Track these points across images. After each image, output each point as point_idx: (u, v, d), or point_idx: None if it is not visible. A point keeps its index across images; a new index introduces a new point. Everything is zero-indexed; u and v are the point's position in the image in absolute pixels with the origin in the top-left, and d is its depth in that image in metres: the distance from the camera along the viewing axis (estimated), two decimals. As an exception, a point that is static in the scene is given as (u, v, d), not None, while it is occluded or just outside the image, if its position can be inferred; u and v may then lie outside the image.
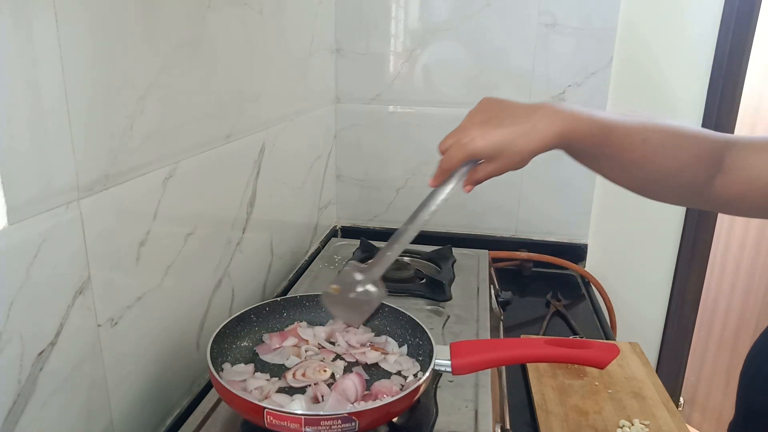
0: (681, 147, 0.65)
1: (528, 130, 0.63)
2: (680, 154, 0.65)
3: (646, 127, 0.65)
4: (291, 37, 1.14)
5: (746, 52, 1.32)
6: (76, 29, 0.55)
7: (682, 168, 0.65)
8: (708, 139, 0.66)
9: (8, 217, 0.49)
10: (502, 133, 0.63)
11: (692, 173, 0.65)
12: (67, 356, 0.58)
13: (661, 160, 0.65)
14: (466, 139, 0.65)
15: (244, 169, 0.96)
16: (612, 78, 1.36)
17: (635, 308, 1.50)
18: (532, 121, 0.63)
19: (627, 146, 0.64)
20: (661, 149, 0.65)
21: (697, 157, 0.65)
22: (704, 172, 0.65)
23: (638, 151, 0.64)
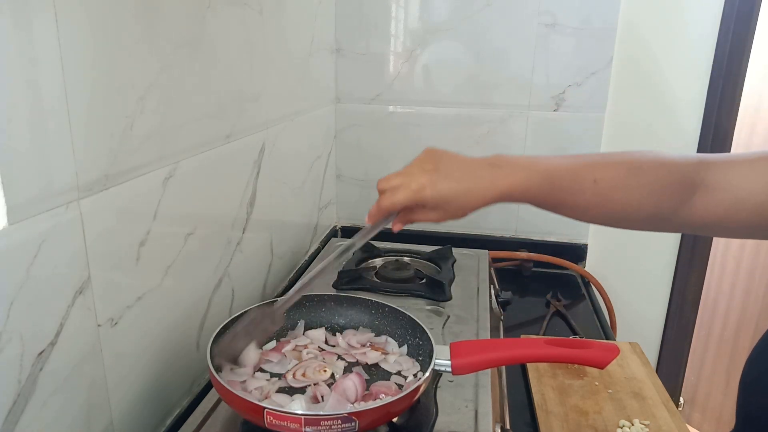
0: (638, 181, 0.63)
1: (473, 187, 0.64)
2: (638, 187, 0.63)
3: (596, 167, 0.64)
4: (291, 37, 1.14)
5: (746, 52, 1.32)
6: (76, 29, 0.55)
7: (641, 201, 0.63)
8: (675, 166, 0.63)
9: (8, 217, 0.49)
10: (450, 186, 0.65)
11: (655, 203, 0.63)
12: (67, 356, 0.58)
13: (617, 196, 0.63)
14: (415, 185, 0.66)
15: (244, 169, 0.96)
16: (612, 78, 1.37)
17: (635, 308, 1.50)
18: (478, 178, 0.65)
19: (577, 190, 0.64)
20: (615, 187, 0.63)
21: (660, 186, 0.63)
22: (672, 199, 0.62)
23: (590, 192, 0.63)
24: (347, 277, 1.10)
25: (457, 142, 1.46)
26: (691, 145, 1.39)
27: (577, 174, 0.64)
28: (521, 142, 1.42)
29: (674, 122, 1.39)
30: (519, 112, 1.41)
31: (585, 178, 0.64)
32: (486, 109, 1.42)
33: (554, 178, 0.64)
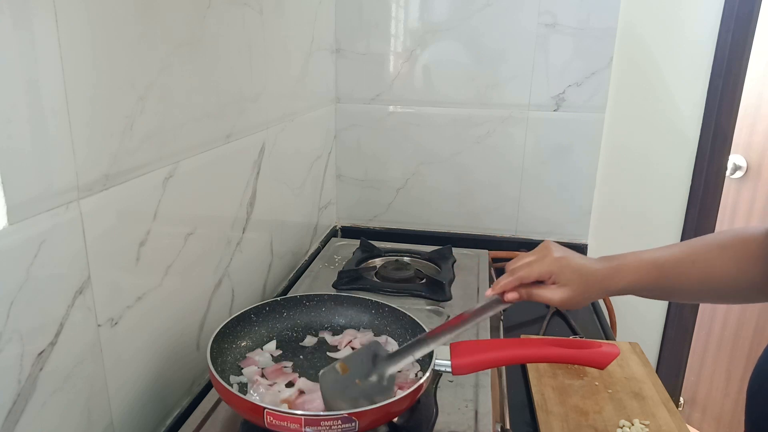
0: (727, 253, 0.68)
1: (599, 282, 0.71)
2: (729, 261, 0.68)
3: (691, 248, 0.71)
4: (291, 37, 1.14)
5: (746, 52, 1.32)
6: (76, 29, 0.55)
7: (738, 272, 0.67)
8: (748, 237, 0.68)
9: (8, 217, 0.49)
10: (580, 268, 0.71)
11: (747, 274, 0.67)
12: (67, 356, 0.58)
13: (716, 272, 0.69)
14: (550, 258, 0.72)
15: (244, 169, 0.96)
16: (612, 78, 1.37)
17: (635, 308, 1.50)
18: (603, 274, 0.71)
19: (680, 273, 0.70)
20: (712, 264, 0.69)
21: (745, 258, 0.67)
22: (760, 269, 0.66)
23: (693, 275, 0.70)
24: (347, 277, 1.10)
25: (457, 142, 1.46)
26: (691, 145, 1.39)
27: (678, 260, 0.71)
28: (521, 142, 1.42)
29: (674, 122, 1.39)
30: (519, 112, 1.41)
31: (684, 261, 0.70)
32: (486, 109, 1.42)
33: (663, 266, 0.71)
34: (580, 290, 0.71)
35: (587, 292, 0.71)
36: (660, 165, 1.42)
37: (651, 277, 0.71)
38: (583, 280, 0.71)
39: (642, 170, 1.44)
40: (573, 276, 0.71)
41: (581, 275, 0.71)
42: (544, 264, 0.71)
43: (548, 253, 0.73)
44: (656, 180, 1.44)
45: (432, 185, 1.50)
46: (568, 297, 0.70)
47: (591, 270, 0.72)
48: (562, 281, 0.71)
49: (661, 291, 0.73)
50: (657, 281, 0.71)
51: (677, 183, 1.43)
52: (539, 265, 0.72)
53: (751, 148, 1.96)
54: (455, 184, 1.49)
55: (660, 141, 1.41)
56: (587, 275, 0.71)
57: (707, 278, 0.69)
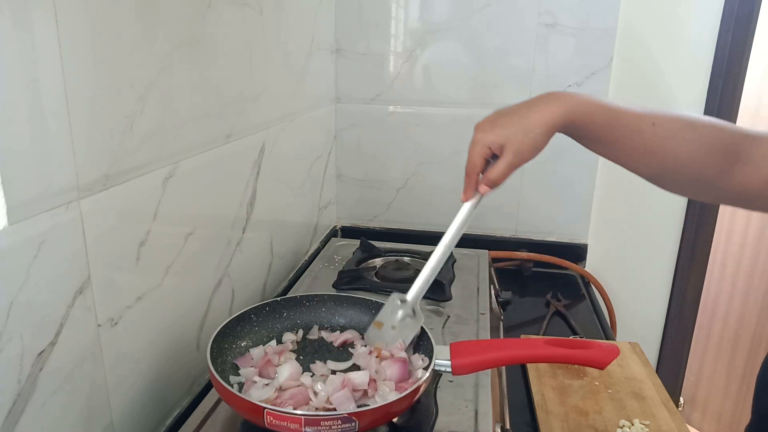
0: (692, 134, 0.65)
1: (532, 113, 0.65)
2: (691, 141, 0.65)
3: (656, 114, 0.66)
4: (291, 37, 1.14)
5: (746, 52, 1.32)
6: (76, 29, 0.55)
7: (692, 156, 0.65)
8: (724, 131, 0.65)
9: (8, 217, 0.49)
10: (509, 121, 0.66)
11: (703, 163, 0.64)
12: (67, 356, 0.58)
13: (671, 146, 0.65)
14: (479, 134, 0.68)
15: (244, 169, 0.96)
16: (612, 78, 1.37)
17: (635, 308, 1.50)
18: (537, 106, 0.66)
19: (636, 131, 0.65)
20: (671, 135, 0.65)
21: (709, 146, 0.64)
22: (717, 163, 0.64)
23: (647, 136, 0.65)
24: (347, 277, 1.10)
25: (457, 142, 1.45)
26: (691, 145, 1.39)
27: (638, 116, 0.65)
28: (521, 142, 1.42)
29: (674, 122, 1.39)
30: (519, 112, 1.41)
31: (645, 120, 0.65)
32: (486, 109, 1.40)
33: (617, 112, 0.65)
34: (522, 135, 0.65)
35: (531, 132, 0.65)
36: (660, 165, 1.42)
37: (601, 119, 0.65)
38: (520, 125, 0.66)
39: (642, 170, 1.44)
40: (508, 129, 0.66)
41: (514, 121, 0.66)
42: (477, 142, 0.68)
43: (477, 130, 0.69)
44: (656, 180, 1.43)
45: (432, 185, 1.50)
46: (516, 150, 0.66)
47: (524, 107, 0.67)
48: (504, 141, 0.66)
49: (605, 143, 0.67)
50: (608, 128, 0.65)
51: (677, 183, 1.43)
52: (474, 147, 0.69)
53: (751, 148, 1.96)
54: (455, 184, 1.47)
55: (660, 141, 1.41)
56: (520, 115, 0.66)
57: (659, 149, 0.65)
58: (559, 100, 0.65)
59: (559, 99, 0.66)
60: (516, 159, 0.67)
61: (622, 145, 0.67)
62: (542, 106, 0.66)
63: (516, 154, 0.66)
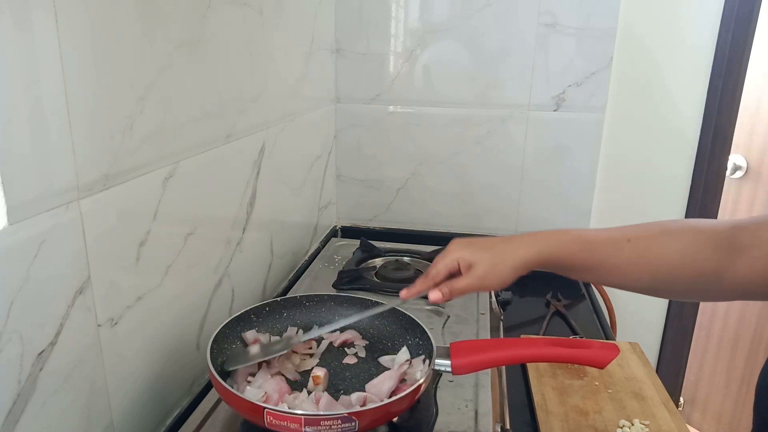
0: (672, 240, 0.65)
1: (508, 248, 0.69)
2: (673, 245, 0.65)
3: (629, 229, 0.68)
4: (291, 37, 1.14)
5: (746, 52, 1.32)
6: (76, 29, 0.55)
7: (682, 258, 0.65)
8: (707, 229, 0.65)
9: (8, 217, 0.49)
10: (485, 247, 0.70)
11: (694, 262, 0.64)
12: (67, 356, 0.58)
13: (654, 256, 0.66)
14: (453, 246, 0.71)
15: (244, 169, 0.96)
16: (612, 78, 1.36)
17: (635, 308, 1.50)
18: (514, 243, 0.69)
19: (612, 249, 0.67)
20: (649, 245, 0.66)
21: (695, 248, 0.64)
22: (712, 259, 0.63)
23: (626, 252, 0.66)
24: (347, 277, 1.11)
25: (457, 142, 1.46)
26: (691, 145, 1.39)
27: (612, 236, 0.68)
28: (521, 143, 1.42)
29: (674, 122, 1.39)
30: (519, 112, 1.41)
31: (619, 239, 0.67)
32: (486, 109, 1.42)
33: (592, 240, 0.68)
34: (491, 262, 0.68)
35: (501, 264, 0.68)
36: (660, 165, 1.43)
37: (575, 249, 0.68)
38: (493, 253, 0.69)
39: (642, 170, 1.44)
40: (480, 253, 0.69)
41: (489, 248, 0.69)
42: (448, 254, 0.71)
43: (452, 245, 0.72)
44: (656, 180, 1.44)
45: (432, 185, 1.50)
46: (482, 273, 0.68)
47: (501, 241, 0.70)
48: (473, 261, 0.69)
49: (588, 269, 0.69)
50: (584, 255, 0.68)
51: (677, 183, 1.43)
52: (444, 258, 0.71)
53: (751, 148, 1.96)
54: (455, 185, 1.49)
55: (660, 141, 1.41)
56: (496, 246, 0.70)
57: (643, 260, 0.66)
58: (534, 242, 0.69)
59: (535, 240, 0.69)
60: (479, 282, 0.69)
61: (604, 267, 0.68)
62: (518, 244, 0.69)
63: (481, 278, 0.69)
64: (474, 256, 0.69)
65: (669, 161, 1.42)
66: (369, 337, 0.83)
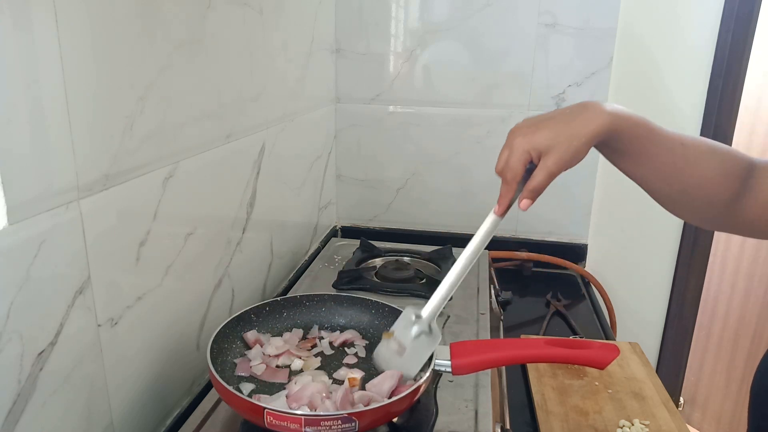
0: (713, 158, 0.67)
1: (578, 120, 0.63)
2: (712, 164, 0.66)
3: (683, 135, 0.68)
4: (291, 37, 1.14)
5: (746, 52, 1.32)
6: (76, 29, 0.55)
7: (711, 179, 0.66)
8: (737, 157, 0.67)
9: (8, 217, 0.49)
10: (552, 126, 0.64)
11: (719, 187, 0.66)
12: (67, 356, 0.58)
13: (695, 167, 0.66)
14: (518, 139, 0.65)
15: (244, 169, 0.96)
16: (612, 78, 1.36)
17: (635, 308, 1.50)
18: (582, 114, 0.64)
19: (669, 149, 0.66)
20: (697, 156, 0.66)
21: (726, 171, 0.66)
22: (728, 189, 0.66)
23: (678, 155, 0.66)
24: (347, 277, 1.10)
25: (457, 142, 1.46)
26: (691, 145, 1.39)
27: (669, 134, 0.67)
28: (521, 142, 1.42)
29: (674, 122, 1.39)
30: (519, 112, 1.41)
31: (675, 140, 0.66)
32: (486, 109, 1.42)
33: (654, 128, 0.66)
34: (566, 142, 0.63)
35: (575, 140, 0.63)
36: (660, 165, 1.42)
37: (640, 132, 0.65)
38: (563, 129, 0.63)
39: (642, 170, 1.44)
40: (550, 134, 0.63)
41: (556, 125, 0.64)
42: (517, 147, 0.65)
43: (515, 135, 0.66)
44: (656, 180, 1.43)
45: (432, 185, 1.50)
46: (557, 159, 0.63)
47: (563, 114, 0.65)
48: (547, 148, 0.63)
49: (639, 157, 0.67)
50: (646, 142, 0.66)
51: (677, 183, 1.42)
52: (515, 153, 0.65)
53: (751, 148, 1.96)
54: (455, 185, 1.49)
55: (660, 141, 1.41)
56: (562, 121, 0.64)
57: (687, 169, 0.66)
58: (604, 110, 0.64)
59: (603, 108, 0.64)
60: (556, 167, 0.63)
61: (654, 162, 0.67)
62: (588, 113, 0.63)
63: (557, 162, 0.63)
64: (546, 140, 0.63)
65: (669, 161, 1.41)
66: (369, 337, 0.83)
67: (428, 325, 0.71)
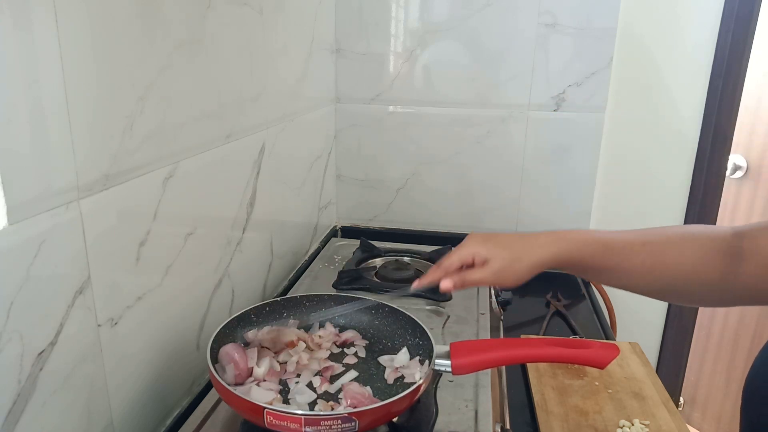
0: (686, 244, 0.66)
1: (527, 246, 0.69)
2: (686, 251, 0.66)
3: (645, 233, 0.69)
4: (291, 37, 1.14)
5: (746, 52, 1.32)
6: (76, 29, 0.55)
7: (694, 265, 0.65)
8: (714, 234, 0.66)
9: (8, 217, 0.49)
10: (503, 243, 0.69)
11: (704, 269, 0.65)
12: (67, 356, 0.58)
13: (668, 259, 0.66)
14: (465, 242, 0.71)
15: (244, 169, 0.96)
16: (612, 78, 1.36)
17: (635, 308, 1.50)
18: (532, 241, 0.69)
19: (629, 253, 0.67)
20: (664, 249, 0.66)
21: (706, 252, 0.65)
22: (719, 267, 0.64)
23: (641, 255, 0.67)
24: (347, 277, 1.11)
25: (457, 142, 1.46)
26: (691, 145, 1.39)
27: (628, 239, 0.68)
28: (521, 142, 1.42)
29: (674, 122, 1.39)
30: (519, 112, 1.41)
31: (635, 242, 0.68)
32: (486, 109, 1.42)
33: (609, 242, 0.68)
34: (508, 260, 0.68)
35: (518, 262, 0.68)
36: (660, 165, 1.42)
37: (593, 251, 0.68)
38: (511, 250, 0.69)
39: (642, 170, 1.44)
40: (498, 250, 0.69)
41: (507, 246, 0.69)
42: (465, 247, 0.71)
43: (469, 239, 0.72)
44: (656, 180, 1.44)
45: (432, 185, 1.50)
46: (498, 269, 0.68)
47: (520, 239, 0.70)
48: (490, 257, 0.69)
49: (604, 271, 0.70)
50: (602, 257, 0.68)
51: (677, 183, 1.43)
52: (459, 250, 0.71)
53: (751, 148, 1.96)
54: (455, 184, 1.49)
55: (660, 141, 1.41)
56: (514, 244, 0.69)
57: (658, 264, 0.66)
58: (552, 242, 0.69)
59: (553, 240, 0.69)
60: (493, 278, 0.69)
61: (619, 269, 0.69)
62: (536, 244, 0.69)
63: (496, 273, 0.69)
64: (491, 252, 0.69)
65: (669, 161, 1.42)
66: (369, 336, 0.83)
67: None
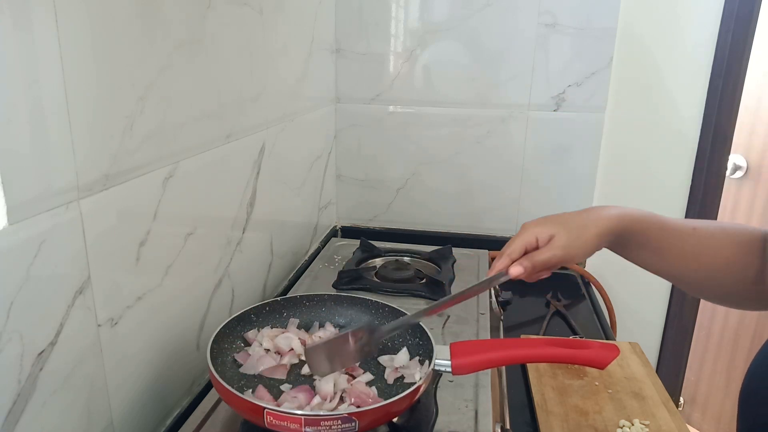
0: (725, 237, 0.67)
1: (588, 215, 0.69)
2: (729, 244, 0.67)
3: (692, 220, 0.70)
4: (291, 37, 1.14)
5: (746, 52, 1.32)
6: (76, 29, 0.55)
7: (733, 256, 0.66)
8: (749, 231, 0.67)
9: (8, 217, 0.49)
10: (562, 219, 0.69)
11: (743, 265, 0.66)
12: (67, 356, 0.58)
13: (712, 250, 0.68)
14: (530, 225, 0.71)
15: (244, 169, 0.96)
16: (612, 78, 1.36)
17: (635, 308, 1.50)
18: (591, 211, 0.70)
19: (679, 236, 0.69)
20: (710, 238, 0.68)
21: (742, 248, 0.66)
22: (755, 264, 0.65)
23: (690, 241, 0.68)
24: (347, 277, 1.11)
25: (457, 142, 1.46)
26: (691, 145, 1.39)
27: (678, 223, 0.70)
28: (521, 142, 1.42)
29: (674, 122, 1.39)
30: (519, 112, 1.41)
31: (686, 227, 0.69)
32: (486, 109, 1.42)
33: (663, 221, 0.70)
34: (575, 231, 0.68)
35: (585, 230, 0.68)
36: (660, 165, 1.42)
37: (651, 227, 0.69)
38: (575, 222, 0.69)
39: (642, 170, 1.44)
40: (559, 225, 0.69)
41: (568, 220, 0.69)
42: (524, 233, 0.70)
43: (525, 225, 0.72)
44: (656, 180, 1.44)
45: (432, 185, 1.50)
46: (566, 243, 0.67)
47: (577, 214, 0.70)
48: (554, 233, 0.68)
49: (656, 250, 0.71)
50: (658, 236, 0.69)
51: (677, 183, 1.43)
52: (519, 235, 0.71)
53: (751, 148, 1.96)
54: (455, 185, 1.49)
55: (660, 141, 1.41)
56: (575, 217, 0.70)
57: (705, 250, 0.68)
58: (614, 213, 0.69)
59: (612, 208, 0.70)
60: (563, 252, 0.67)
61: (669, 251, 0.70)
62: (599, 213, 0.69)
63: (565, 247, 0.67)
64: (554, 228, 0.68)
65: (669, 161, 1.42)
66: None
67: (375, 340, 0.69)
